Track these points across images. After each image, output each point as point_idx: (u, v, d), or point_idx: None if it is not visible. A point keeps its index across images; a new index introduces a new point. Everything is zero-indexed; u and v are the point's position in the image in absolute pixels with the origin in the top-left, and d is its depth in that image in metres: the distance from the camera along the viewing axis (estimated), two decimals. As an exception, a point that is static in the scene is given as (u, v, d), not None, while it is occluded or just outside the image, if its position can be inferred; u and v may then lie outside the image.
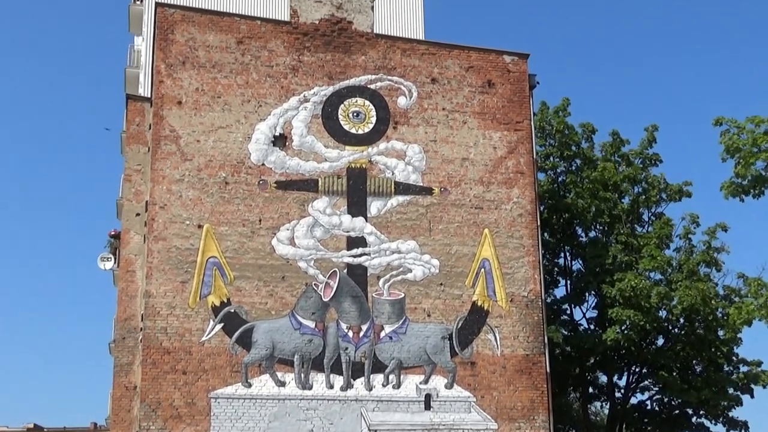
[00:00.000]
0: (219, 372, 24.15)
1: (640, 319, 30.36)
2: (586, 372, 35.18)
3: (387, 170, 26.49)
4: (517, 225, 26.78)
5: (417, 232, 26.16)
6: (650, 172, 35.00)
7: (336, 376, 24.70)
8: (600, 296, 32.79)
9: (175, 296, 24.46)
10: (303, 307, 24.96)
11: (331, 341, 24.83)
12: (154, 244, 24.80)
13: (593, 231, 34.88)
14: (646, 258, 31.96)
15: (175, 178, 25.31)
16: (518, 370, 25.70)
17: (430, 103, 27.29)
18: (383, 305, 25.42)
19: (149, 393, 23.80)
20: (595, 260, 32.70)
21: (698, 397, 31.41)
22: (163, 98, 25.79)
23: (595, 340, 31.96)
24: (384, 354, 25.09)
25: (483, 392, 25.36)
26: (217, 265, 24.87)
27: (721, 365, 32.74)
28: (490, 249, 26.37)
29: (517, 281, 26.32)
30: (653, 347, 33.54)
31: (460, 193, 26.74)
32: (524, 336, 25.96)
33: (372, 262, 25.69)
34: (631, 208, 34.41)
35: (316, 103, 26.56)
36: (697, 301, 30.50)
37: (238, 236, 25.20)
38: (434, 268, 25.98)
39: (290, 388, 24.39)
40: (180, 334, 24.23)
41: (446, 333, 25.54)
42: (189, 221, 25.06)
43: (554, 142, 34.92)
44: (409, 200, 26.40)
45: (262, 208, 25.54)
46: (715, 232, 33.24)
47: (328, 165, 26.16)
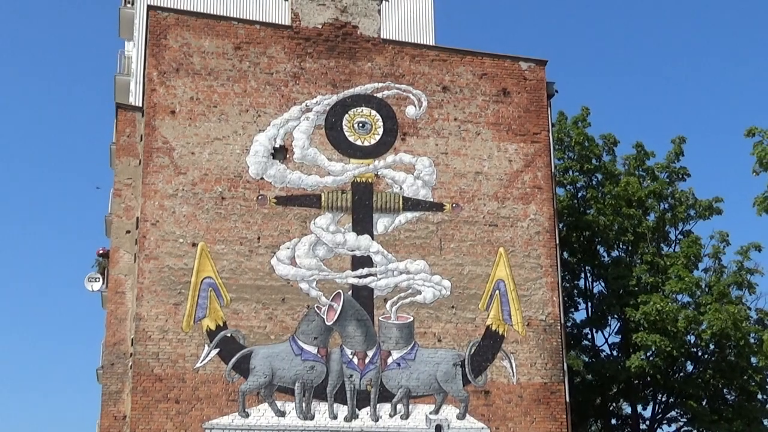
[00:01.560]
0: (214, 401, 24.12)
1: (666, 344, 30.26)
2: (609, 402, 35.06)
3: (395, 185, 26.50)
4: (534, 243, 26.75)
5: (427, 251, 26.14)
6: (677, 187, 34.99)
7: (340, 406, 24.66)
8: (623, 320, 32.71)
9: (167, 319, 24.45)
10: (304, 331, 24.94)
11: (334, 368, 24.80)
12: (145, 264, 24.81)
13: (616, 250, 34.83)
14: (673, 279, 31.89)
15: (168, 192, 25.34)
16: (535, 399, 25.61)
17: (441, 113, 27.32)
18: (391, 329, 25.39)
19: (140, 423, 23.76)
20: (617, 281, 32.63)
21: (729, 429, 31.28)
22: (155, 107, 25.85)
23: (618, 368, 31.85)
24: (391, 382, 25.04)
25: (498, 423, 25.28)
26: (213, 286, 24.87)
27: (754, 394, 32.62)
28: (505, 269, 26.34)
29: (534, 304, 26.27)
30: (681, 375, 33.42)
31: (473, 210, 26.73)
32: (542, 363, 25.89)
33: (378, 283, 25.67)
34: (656, 225, 34.37)
35: (319, 113, 26.61)
36: (727, 325, 30.41)
37: (235, 255, 25.20)
38: (445, 290, 25.95)
39: (291, 419, 24.34)
40: (173, 359, 24.21)
41: (458, 359, 25.49)
42: (183, 239, 25.08)
43: (573, 154, 34.93)
44: (418, 217, 26.39)
45: (260, 225, 25.55)
46: (747, 251, 33.20)
47: (331, 179, 26.18)
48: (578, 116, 35.27)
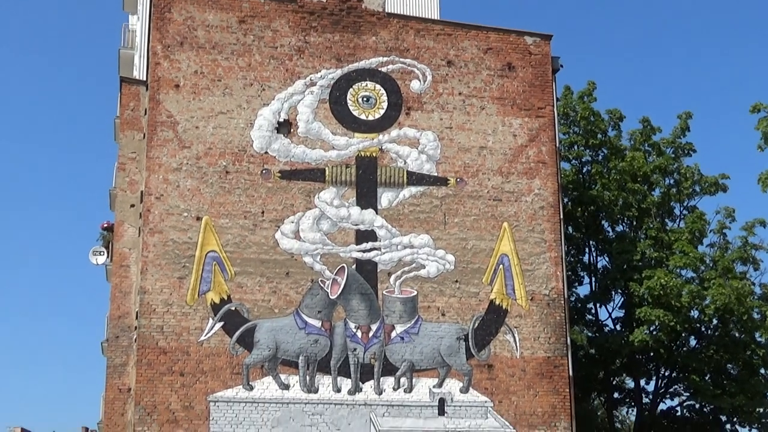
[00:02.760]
0: (218, 374, 24.30)
1: (670, 319, 30.39)
2: (612, 376, 35.26)
3: (399, 159, 26.55)
4: (538, 218, 26.81)
5: (431, 225, 26.23)
6: (683, 163, 35.04)
7: (343, 379, 24.82)
8: (627, 295, 32.84)
9: (171, 293, 24.60)
10: (308, 305, 25.07)
11: (338, 342, 24.95)
12: (149, 238, 24.95)
13: (620, 225, 34.94)
14: (678, 254, 31.99)
15: (173, 166, 25.44)
16: (539, 373, 25.76)
17: (446, 88, 27.32)
18: (394, 303, 25.52)
19: (144, 396, 23.96)
20: (622, 256, 32.73)
21: (732, 403, 31.47)
22: (159, 81, 25.91)
23: (621, 342, 32.01)
24: (395, 355, 25.19)
25: (501, 397, 25.43)
26: (217, 260, 25.00)
27: (757, 369, 32.78)
28: (509, 244, 26.42)
29: (538, 278, 26.37)
30: (684, 350, 33.59)
31: (478, 184, 26.78)
32: (545, 337, 26.02)
33: (382, 257, 25.77)
34: (661, 201, 34.43)
35: (324, 87, 26.64)
36: (731, 300, 30.55)
37: (240, 229, 25.32)
38: (449, 264, 26.05)
39: (294, 392, 24.52)
40: (177, 333, 24.38)
41: (462, 333, 25.62)
42: (187, 213, 25.19)
43: (579, 129, 34.97)
44: (422, 191, 26.46)
45: (265, 199, 25.64)
46: (752, 227, 33.29)
47: (335, 153, 26.24)
48: (584, 91, 35.27)
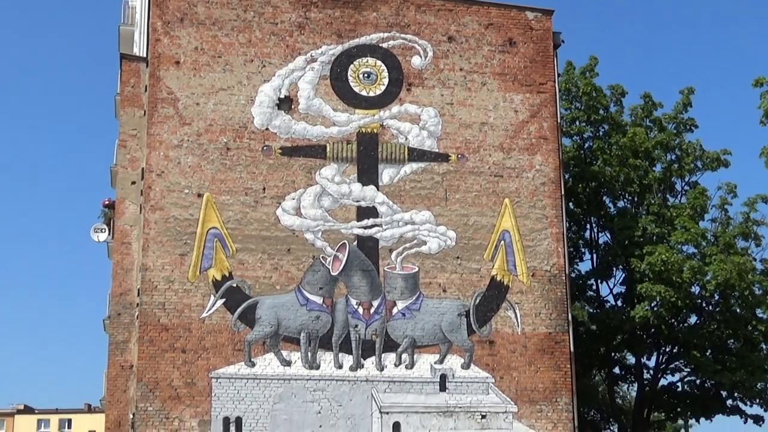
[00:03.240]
0: (220, 350, 24.37)
1: (671, 295, 30.40)
2: (613, 352, 35.32)
3: (400, 135, 26.52)
4: (539, 194, 26.81)
5: (432, 201, 26.23)
6: (685, 139, 34.94)
7: (345, 355, 24.89)
8: (628, 271, 32.83)
9: (173, 270, 24.64)
10: (310, 281, 25.12)
11: (339, 318, 25.01)
12: (150, 215, 24.96)
13: (622, 201, 34.90)
14: (679, 230, 31.96)
15: (173, 143, 25.42)
16: (540, 349, 25.83)
17: (447, 64, 27.26)
18: (396, 280, 25.55)
19: (146, 372, 24.05)
20: (623, 232, 32.72)
21: (733, 379, 31.51)
22: (159, 58, 25.85)
23: (622, 318, 32.03)
24: (396, 332, 25.25)
25: (502, 373, 25.52)
26: (218, 237, 25.03)
27: (758, 345, 32.82)
28: (510, 220, 26.43)
29: (539, 254, 26.40)
30: (685, 325, 33.61)
31: (479, 160, 26.76)
32: (546, 313, 26.07)
33: (384, 233, 25.80)
34: (663, 176, 34.38)
35: (324, 64, 26.58)
36: (732, 276, 30.54)
37: (241, 206, 25.33)
38: (450, 241, 26.07)
39: (296, 368, 24.60)
40: (179, 310, 24.44)
41: (463, 310, 25.67)
42: (188, 190, 25.20)
43: (580, 105, 34.86)
44: (423, 167, 26.44)
45: (266, 175, 25.64)
46: (755, 203, 33.23)
47: (336, 130, 26.22)
48: (586, 66, 35.14)
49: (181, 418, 23.86)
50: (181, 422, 23.84)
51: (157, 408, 23.83)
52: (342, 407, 24.55)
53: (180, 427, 23.80)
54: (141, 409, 23.79)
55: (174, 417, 23.85)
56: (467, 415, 25.04)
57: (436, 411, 24.90)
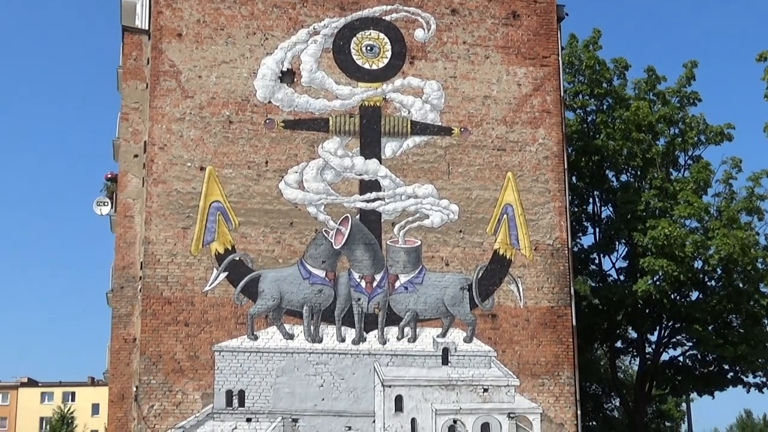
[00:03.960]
0: (223, 324, 24.44)
1: (673, 269, 30.41)
2: (615, 326, 35.37)
3: (403, 109, 26.46)
4: (542, 168, 26.77)
5: (435, 175, 26.20)
6: (688, 112, 34.84)
7: (347, 329, 24.95)
8: (631, 245, 32.83)
9: (176, 243, 24.67)
10: (312, 255, 25.14)
11: (342, 292, 25.05)
12: (153, 188, 24.96)
13: (625, 175, 34.85)
14: (682, 204, 31.93)
15: (176, 116, 25.38)
16: (542, 323, 25.87)
17: (450, 36, 27.15)
18: (398, 253, 25.57)
19: (149, 345, 24.13)
20: (626, 206, 32.69)
21: (735, 353, 31.57)
22: (161, 30, 25.76)
23: (624, 292, 32.08)
24: (399, 305, 25.29)
25: (504, 346, 25.58)
26: (221, 210, 25.03)
27: (760, 319, 32.85)
28: (513, 194, 26.41)
29: (541, 228, 26.39)
30: (687, 300, 33.65)
31: (482, 134, 26.71)
32: (549, 287, 26.09)
33: (386, 207, 25.79)
34: (666, 150, 34.30)
35: (327, 36, 26.48)
36: (735, 250, 30.53)
37: (243, 179, 25.31)
38: (453, 214, 26.06)
39: (299, 341, 24.67)
40: (181, 283, 24.48)
41: (465, 283, 25.70)
42: (190, 163, 25.18)
43: (584, 78, 34.75)
44: (426, 141, 26.40)
45: (268, 149, 25.61)
46: (759, 178, 33.15)
47: (339, 103, 26.15)
48: (589, 39, 35.00)
49: (184, 391, 23.96)
50: (184, 395, 23.94)
51: (160, 381, 23.92)
52: (344, 380, 24.63)
53: (183, 400, 23.90)
54: (144, 382, 23.89)
55: (177, 390, 23.95)
56: (469, 389, 25.12)
57: (439, 384, 24.98)
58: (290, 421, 24.24)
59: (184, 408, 23.91)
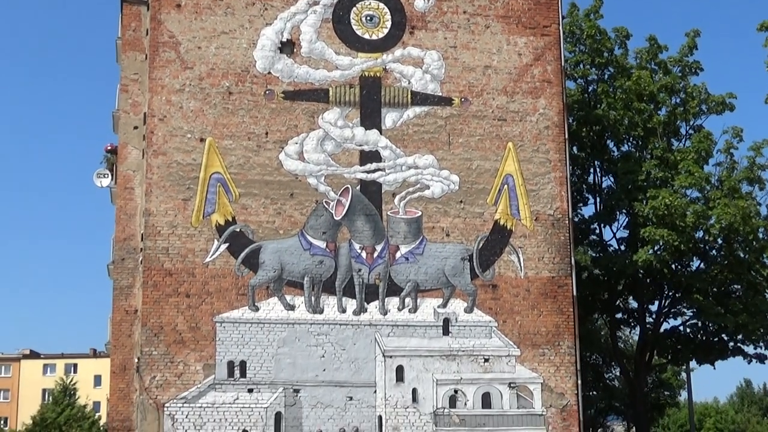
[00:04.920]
0: (224, 295, 24.50)
1: (674, 239, 30.43)
2: (616, 296, 35.45)
3: (403, 79, 26.40)
4: (543, 138, 26.74)
5: (435, 145, 26.18)
6: (690, 82, 34.76)
7: (348, 300, 25.01)
8: (632, 215, 32.84)
9: (176, 214, 24.69)
10: (313, 226, 25.16)
11: (343, 262, 25.09)
12: (153, 159, 24.96)
13: (626, 145, 34.80)
14: (683, 174, 31.91)
15: (175, 87, 25.34)
16: (543, 293, 25.92)
17: (450, 6, 27.03)
18: (399, 224, 25.60)
19: (151, 317, 24.21)
20: (627, 176, 32.66)
21: (736, 322, 31.63)
22: (160, 1, 25.68)
23: (625, 262, 32.10)
24: (399, 276, 25.34)
25: (505, 317, 25.64)
26: (221, 182, 25.04)
27: (761, 290, 32.90)
28: (513, 164, 26.40)
29: (542, 199, 26.39)
30: (688, 270, 33.70)
31: (482, 104, 26.66)
32: (549, 257, 26.13)
33: (387, 178, 25.78)
34: (667, 120, 34.24)
35: (326, 6, 26.38)
36: (736, 220, 30.52)
37: (243, 150, 25.30)
38: (454, 185, 26.06)
39: (300, 312, 24.74)
40: (182, 254, 24.53)
41: (466, 254, 25.73)
42: (190, 134, 25.16)
43: (585, 47, 34.63)
44: (426, 111, 26.36)
45: (268, 120, 25.58)
46: (761, 148, 33.11)
47: (339, 73, 26.09)
48: (590, 8, 34.85)
49: (185, 362, 24.06)
50: (186, 366, 24.04)
51: (161, 352, 24.02)
52: (345, 351, 24.73)
53: (185, 371, 24.01)
54: (146, 354, 24.00)
55: (179, 361, 24.05)
56: (470, 359, 25.21)
57: (439, 354, 25.08)
58: (291, 391, 24.36)
59: (185, 379, 24.03)
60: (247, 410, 24.03)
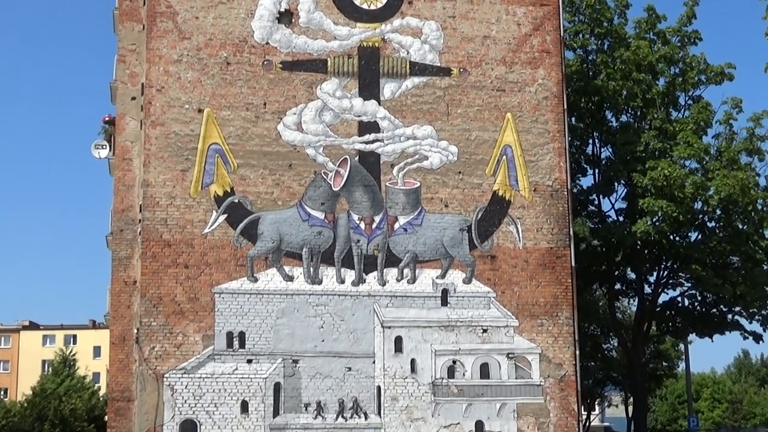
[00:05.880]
0: (223, 266, 24.52)
1: (673, 210, 30.43)
2: (614, 267, 35.50)
3: (401, 49, 26.30)
4: (541, 109, 26.67)
5: (434, 116, 26.12)
6: (689, 52, 34.67)
7: (347, 270, 25.04)
8: (630, 186, 32.84)
9: (175, 185, 24.67)
10: (311, 197, 25.15)
11: (341, 233, 25.10)
12: (151, 130, 24.91)
13: (625, 115, 34.76)
14: (682, 145, 31.88)
15: (173, 58, 25.25)
16: (541, 264, 25.94)
17: (449, -24, 26.87)
18: (397, 195, 25.58)
19: (150, 288, 24.24)
20: (626, 147, 32.64)
21: (734, 292, 31.70)
22: (157, -29, 25.51)
23: (623, 233, 32.12)
24: (398, 247, 25.36)
25: (503, 287, 25.67)
26: (220, 153, 25.00)
27: (760, 261, 32.94)
28: (512, 135, 26.35)
29: (541, 169, 26.36)
30: (686, 241, 33.73)
31: (481, 74, 26.57)
32: (548, 228, 26.13)
33: (385, 148, 25.74)
34: (666, 90, 34.18)
35: (325, -24, 26.22)
36: (735, 191, 30.53)
37: (242, 121, 25.24)
38: (452, 156, 26.02)
39: (299, 283, 24.77)
40: (181, 225, 24.53)
41: (465, 225, 25.73)
42: (188, 105, 25.10)
43: (584, 17, 34.52)
44: (425, 82, 26.28)
45: (266, 90, 25.50)
46: (760, 119, 33.05)
47: (337, 44, 25.99)
48: (590, -22, 34.66)
49: (184, 333, 24.12)
50: (185, 337, 24.10)
51: (161, 323, 24.07)
52: (344, 322, 24.78)
53: (184, 342, 24.07)
54: (145, 324, 24.05)
55: (178, 332, 24.11)
56: (468, 330, 25.27)
57: (438, 325, 25.13)
58: (290, 362, 24.43)
59: (185, 350, 24.09)
60: (246, 381, 24.11)
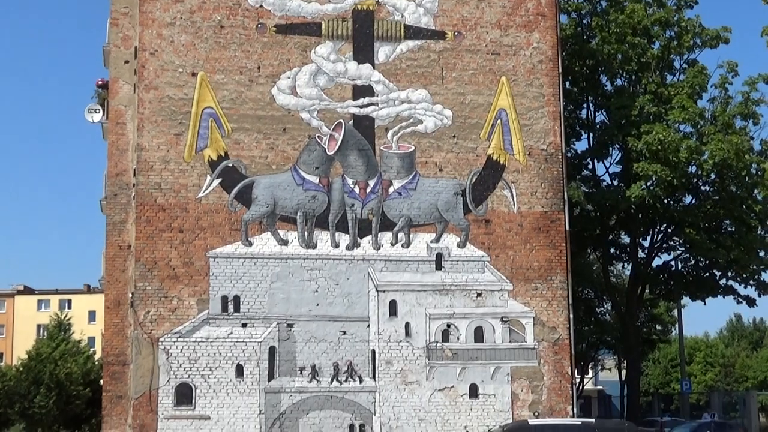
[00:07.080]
0: (217, 230, 24.50)
1: (667, 174, 30.45)
2: (608, 231, 35.56)
3: (396, 12, 26.14)
4: (536, 72, 26.56)
5: (428, 80, 26.01)
6: (684, 15, 34.54)
7: (341, 234, 25.03)
8: (625, 150, 32.84)
9: (168, 149, 24.59)
10: (306, 161, 25.09)
11: (336, 197, 25.07)
12: (144, 94, 24.79)
13: (619, 79, 34.68)
14: (677, 109, 31.83)
15: (166, 21, 25.07)
16: (535, 228, 25.95)
17: (444, -62, 26.66)
18: (392, 159, 25.53)
19: (144, 252, 24.22)
20: (620, 111, 32.60)
21: (727, 257, 31.78)
22: (150, -67, 25.27)
23: (618, 197, 32.14)
24: (393, 211, 25.34)
25: (498, 251, 25.70)
26: (214, 116, 24.90)
27: (753, 226, 32.98)
28: (507, 98, 26.25)
29: (535, 133, 26.30)
30: (680, 205, 33.77)
31: (476, 38, 26.44)
32: (542, 192, 26.11)
33: (380, 112, 25.65)
34: (661, 54, 34.08)
35: (318, -62, 26.00)
36: (729, 155, 30.55)
37: (236, 85, 25.13)
38: (447, 119, 25.95)
39: (293, 247, 24.77)
40: (175, 190, 24.47)
41: (459, 189, 25.71)
42: (182, 69, 24.96)
43: (579, -21, 34.32)
44: (419, 45, 26.14)
45: (260, 54, 25.36)
46: (756, 83, 32.97)
47: (332, 7, 25.83)
48: (585, -60, 34.46)
49: (179, 297, 24.13)
50: (180, 301, 24.12)
51: (155, 287, 24.08)
52: (339, 286, 24.81)
53: (178, 306, 24.09)
54: (140, 289, 24.05)
55: (173, 296, 24.12)
56: (463, 293, 25.32)
57: (432, 289, 25.16)
58: (285, 326, 24.47)
59: (179, 314, 24.12)
60: (241, 344, 24.17)
